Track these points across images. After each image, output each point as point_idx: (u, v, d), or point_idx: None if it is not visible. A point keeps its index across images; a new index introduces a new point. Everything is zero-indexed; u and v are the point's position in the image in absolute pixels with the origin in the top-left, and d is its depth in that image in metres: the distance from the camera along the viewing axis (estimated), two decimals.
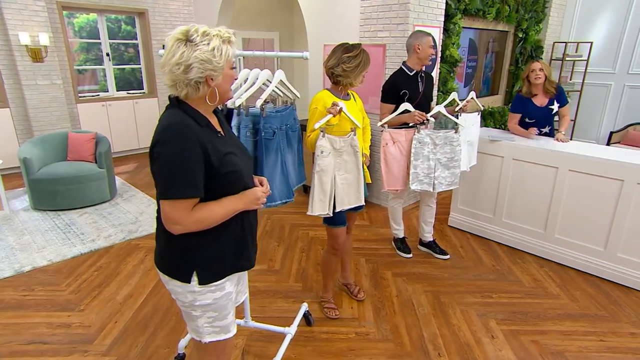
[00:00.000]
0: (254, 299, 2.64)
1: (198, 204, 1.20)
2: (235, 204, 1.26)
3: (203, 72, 1.14)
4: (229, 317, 1.37)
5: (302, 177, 2.11)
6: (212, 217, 1.21)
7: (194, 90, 1.18)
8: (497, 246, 3.39)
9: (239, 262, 1.36)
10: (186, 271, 1.26)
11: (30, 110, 5.09)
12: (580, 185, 2.92)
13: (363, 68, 2.14)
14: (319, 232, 3.62)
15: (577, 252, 3.01)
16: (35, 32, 4.93)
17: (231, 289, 1.37)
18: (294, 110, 1.92)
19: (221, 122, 1.36)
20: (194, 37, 1.13)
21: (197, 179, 1.15)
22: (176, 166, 1.13)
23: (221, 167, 1.20)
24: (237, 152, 1.30)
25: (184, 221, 1.16)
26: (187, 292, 1.28)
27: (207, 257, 1.28)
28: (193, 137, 1.14)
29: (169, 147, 1.13)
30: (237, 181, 1.27)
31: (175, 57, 1.12)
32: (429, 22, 3.79)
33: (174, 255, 1.29)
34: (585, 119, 6.29)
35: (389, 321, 2.44)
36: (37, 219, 3.82)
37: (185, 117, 1.18)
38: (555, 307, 2.59)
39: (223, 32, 1.18)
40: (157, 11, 6.14)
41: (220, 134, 1.28)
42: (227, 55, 1.17)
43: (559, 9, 6.11)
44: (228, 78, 1.23)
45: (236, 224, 1.32)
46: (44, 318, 2.41)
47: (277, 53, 1.74)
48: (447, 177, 2.91)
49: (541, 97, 3.29)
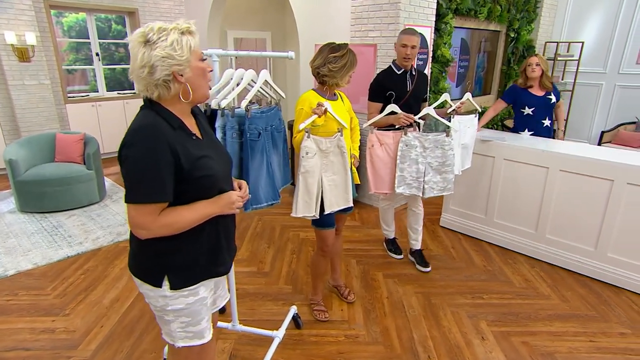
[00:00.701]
0: (242, 301, 2.61)
1: (167, 208, 1.16)
2: (208, 208, 1.22)
3: (168, 69, 1.10)
4: (202, 322, 1.34)
5: (288, 178, 2.08)
6: (181, 221, 1.17)
7: (165, 90, 1.14)
8: (488, 247, 3.38)
9: (213, 267, 1.32)
10: (157, 275, 1.23)
11: (18, 110, 5.01)
12: (570, 185, 2.91)
13: (350, 68, 2.10)
14: (310, 234, 3.58)
15: (568, 252, 3.00)
16: (22, 31, 4.85)
17: (205, 295, 1.33)
18: (279, 111, 1.89)
19: (200, 125, 1.32)
20: (150, 36, 1.09)
21: (165, 183, 1.12)
22: (143, 170, 1.09)
23: (193, 170, 1.16)
24: (213, 155, 1.25)
25: (149, 226, 1.13)
26: (158, 296, 1.25)
27: (179, 262, 1.24)
28: (162, 140, 1.10)
29: (137, 150, 1.09)
30: (212, 185, 1.23)
31: (138, 60, 1.09)
32: (420, 22, 3.78)
33: (146, 259, 1.25)
34: (577, 119, 6.32)
35: (379, 323, 2.42)
36: (23, 221, 3.76)
37: (156, 119, 1.14)
38: (546, 307, 2.58)
39: (181, 24, 1.14)
40: (148, 11, 6.08)
41: (196, 136, 1.24)
42: (188, 46, 1.13)
43: (550, 9, 6.13)
44: (199, 71, 1.18)
45: (210, 229, 1.28)
46: (27, 323, 2.36)
47: (261, 53, 1.70)
48: (439, 182, 2.74)
49: (537, 89, 3.34)
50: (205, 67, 1.20)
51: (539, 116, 3.40)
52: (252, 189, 1.70)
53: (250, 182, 1.67)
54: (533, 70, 3.25)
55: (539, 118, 3.41)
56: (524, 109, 3.42)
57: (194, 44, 1.15)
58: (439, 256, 3.22)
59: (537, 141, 3.23)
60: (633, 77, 5.74)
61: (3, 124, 5.14)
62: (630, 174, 2.63)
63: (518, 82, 3.42)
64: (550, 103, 3.35)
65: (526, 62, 3.32)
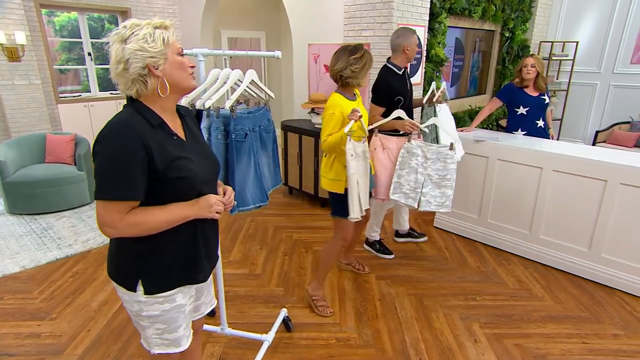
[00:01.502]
0: (233, 304, 2.57)
1: (139, 208, 1.13)
2: (183, 211, 1.18)
3: (141, 62, 1.08)
4: (180, 330, 1.30)
5: (278, 180, 2.04)
6: (152, 222, 1.13)
7: (142, 86, 1.12)
8: (482, 247, 3.36)
9: (190, 275, 1.28)
10: (131, 279, 1.20)
11: (8, 111, 4.94)
12: (564, 186, 2.89)
13: (369, 67, 2.26)
14: (303, 235, 3.55)
15: (561, 252, 2.99)
16: (11, 31, 4.78)
17: (183, 302, 1.29)
18: (267, 111, 1.85)
19: (186, 126, 1.28)
20: (124, 33, 1.08)
21: (135, 181, 1.08)
22: (112, 166, 1.06)
23: (168, 171, 1.13)
24: (194, 158, 1.21)
25: (117, 224, 1.09)
26: (133, 301, 1.22)
27: (153, 266, 1.20)
28: (135, 137, 1.07)
29: (108, 146, 1.06)
30: (189, 188, 1.19)
31: (113, 57, 1.08)
32: (413, 21, 3.75)
33: (121, 262, 1.22)
34: (572, 118, 6.31)
35: (370, 326, 2.39)
36: (11, 223, 3.71)
37: (133, 116, 1.12)
38: (539, 309, 2.56)
39: (155, 20, 1.13)
40: (141, 10, 6.02)
41: (177, 136, 1.20)
42: (162, 38, 1.11)
43: (545, 9, 6.11)
44: (176, 64, 1.15)
45: (187, 234, 1.24)
46: (11, 328, 2.31)
47: (247, 52, 1.67)
48: (437, 197, 2.65)
49: (532, 90, 3.35)
50: (184, 60, 1.17)
51: (532, 116, 3.39)
52: (239, 191, 1.67)
53: (236, 184, 1.63)
54: (528, 72, 3.27)
55: (532, 118, 3.40)
56: (518, 108, 3.41)
57: (169, 37, 1.13)
58: (432, 257, 3.20)
59: (530, 141, 3.21)
60: (627, 76, 5.73)
61: None
62: (623, 174, 2.62)
63: (514, 81, 3.41)
64: (544, 104, 3.36)
65: (522, 62, 3.31)
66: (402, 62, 2.77)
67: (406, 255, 3.23)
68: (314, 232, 3.61)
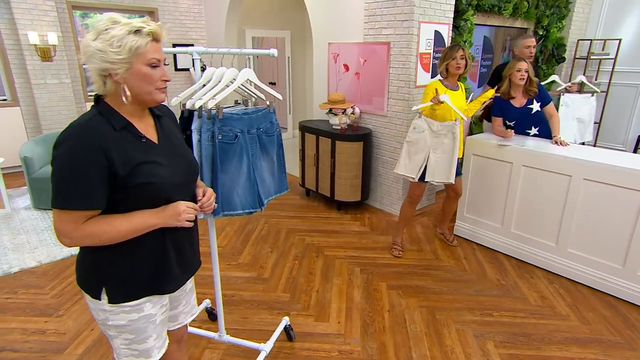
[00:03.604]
0: (237, 309, 2.52)
1: (99, 216, 1.07)
2: (147, 219, 1.10)
3: (99, 63, 1.01)
4: (149, 341, 1.23)
5: (284, 186, 1.95)
6: (111, 232, 1.06)
7: (101, 85, 1.06)
8: (504, 258, 3.16)
9: (156, 284, 1.21)
10: (95, 287, 1.14)
11: (39, 109, 5.13)
12: (596, 196, 2.66)
13: (443, 59, 2.79)
14: (315, 239, 3.47)
15: (591, 268, 2.75)
16: (44, 32, 4.96)
17: (153, 312, 1.22)
18: (270, 113, 1.77)
19: (160, 127, 1.21)
20: (100, 25, 1.02)
21: (92, 190, 1.02)
22: (68, 173, 1.00)
23: (132, 177, 1.06)
24: (165, 162, 1.14)
25: (71, 234, 1.04)
26: (98, 309, 1.17)
27: (116, 275, 1.14)
28: (92, 142, 1.01)
29: (65, 151, 1.00)
30: (156, 193, 1.12)
31: (82, 44, 1.03)
32: (436, 19, 3.58)
33: (84, 269, 1.17)
34: (612, 122, 5.89)
35: (376, 339, 2.27)
36: (35, 218, 3.83)
37: (95, 118, 1.05)
38: (562, 329, 2.35)
39: (135, 22, 1.04)
40: (167, 10, 6.12)
41: (146, 139, 1.13)
42: (129, 47, 1.02)
43: (584, 5, 5.74)
44: (140, 76, 1.06)
45: (154, 242, 1.17)
46: (20, 323, 2.35)
47: (242, 50, 1.59)
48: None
49: (520, 98, 3.14)
50: (152, 74, 1.08)
51: (521, 127, 3.25)
52: (226, 194, 1.59)
53: (222, 187, 1.56)
54: (522, 78, 3.02)
55: (522, 129, 3.26)
56: (508, 121, 3.27)
57: (140, 45, 1.03)
58: (449, 267, 3.03)
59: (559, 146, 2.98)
60: None
61: (27, 121, 5.29)
62: None
63: (500, 92, 3.15)
64: (532, 113, 3.14)
65: (514, 66, 3.04)
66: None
67: (422, 263, 3.08)
68: (327, 236, 3.51)
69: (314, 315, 2.47)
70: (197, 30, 6.48)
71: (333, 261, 3.10)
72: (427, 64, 3.66)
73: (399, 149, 3.74)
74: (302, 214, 4.03)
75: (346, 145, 3.81)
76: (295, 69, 7.14)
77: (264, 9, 6.60)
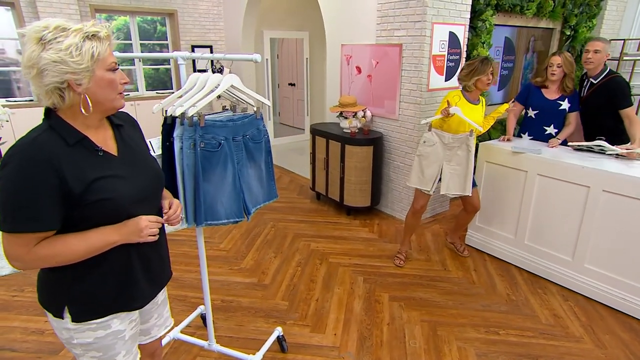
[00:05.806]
0: (234, 315, 2.49)
1: (53, 237, 1.02)
2: (107, 237, 1.05)
3: (59, 76, 0.95)
4: (118, 357, 1.20)
5: (273, 194, 1.90)
6: (67, 253, 1.01)
7: (59, 99, 0.99)
8: (516, 271, 3.00)
9: (122, 301, 1.16)
10: (57, 306, 1.11)
11: None
12: (615, 209, 2.48)
13: (477, 74, 2.58)
14: (321, 245, 3.40)
15: (610, 286, 2.57)
16: None
17: (121, 327, 1.19)
18: (257, 119, 1.72)
19: (120, 137, 1.15)
20: (45, 34, 0.94)
21: (42, 211, 0.96)
22: (15, 195, 0.94)
23: (87, 194, 1.00)
24: (126, 174, 1.10)
25: (23, 258, 0.99)
26: (62, 328, 1.13)
27: (78, 293, 1.10)
28: (41, 160, 0.95)
29: (12, 171, 0.94)
30: (115, 210, 1.06)
31: (25, 58, 0.95)
32: (450, 20, 3.44)
33: (45, 287, 1.13)
34: None
35: (372, 354, 2.19)
36: None
37: (46, 134, 1.00)
38: (574, 352, 2.20)
39: (88, 27, 0.98)
40: (187, 12, 6.19)
41: (104, 152, 1.08)
42: (91, 53, 0.97)
43: (618, 2, 5.41)
44: (104, 82, 1.02)
45: (118, 258, 1.12)
46: (22, 322, 2.40)
47: (225, 55, 1.55)
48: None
49: (553, 91, 3.01)
50: (114, 78, 1.04)
51: (541, 121, 3.09)
52: (210, 203, 1.56)
53: (202, 196, 1.52)
54: (553, 73, 2.92)
55: (541, 123, 3.09)
56: (528, 110, 3.13)
57: (100, 50, 0.99)
58: (457, 279, 2.90)
59: (578, 154, 2.80)
60: None
61: None
62: None
63: (535, 80, 3.08)
64: (559, 109, 3.00)
65: (547, 61, 2.97)
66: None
67: (428, 274, 2.97)
68: (333, 242, 3.45)
69: (310, 326, 2.41)
70: (216, 31, 6.53)
71: (336, 269, 3.02)
72: (441, 66, 3.53)
73: (410, 154, 3.63)
74: (310, 218, 3.98)
75: (356, 150, 3.73)
76: (313, 70, 7.09)
77: (281, 10, 6.58)
